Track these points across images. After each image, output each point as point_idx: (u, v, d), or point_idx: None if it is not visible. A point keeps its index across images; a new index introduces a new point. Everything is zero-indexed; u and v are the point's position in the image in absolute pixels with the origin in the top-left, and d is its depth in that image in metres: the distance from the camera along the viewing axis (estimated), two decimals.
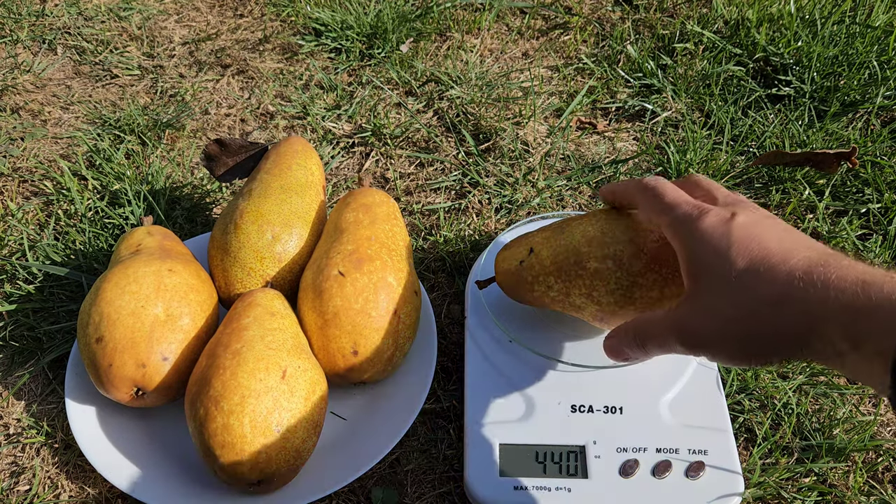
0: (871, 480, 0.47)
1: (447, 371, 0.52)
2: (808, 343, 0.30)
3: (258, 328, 0.43)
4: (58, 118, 0.72)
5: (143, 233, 0.51)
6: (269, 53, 0.78)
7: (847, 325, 0.28)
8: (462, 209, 0.63)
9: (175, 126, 0.70)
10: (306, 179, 0.53)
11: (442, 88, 0.74)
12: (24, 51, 0.79)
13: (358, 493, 0.46)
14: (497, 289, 0.51)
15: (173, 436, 0.47)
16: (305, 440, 0.42)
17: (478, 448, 0.44)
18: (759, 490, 0.46)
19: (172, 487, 0.44)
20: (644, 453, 0.44)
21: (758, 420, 0.49)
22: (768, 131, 0.68)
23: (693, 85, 0.73)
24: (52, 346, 0.53)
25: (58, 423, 0.49)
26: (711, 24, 0.80)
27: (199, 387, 0.41)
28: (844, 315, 0.28)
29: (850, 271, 0.29)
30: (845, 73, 0.71)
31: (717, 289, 0.33)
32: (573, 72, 0.76)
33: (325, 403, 0.44)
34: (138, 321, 0.43)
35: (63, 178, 0.64)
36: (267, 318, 0.44)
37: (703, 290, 0.34)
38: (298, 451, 0.41)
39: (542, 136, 0.70)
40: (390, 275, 0.46)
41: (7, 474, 0.48)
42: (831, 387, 0.51)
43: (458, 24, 0.81)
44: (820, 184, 0.64)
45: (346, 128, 0.70)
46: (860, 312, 0.28)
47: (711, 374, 0.47)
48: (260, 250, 0.48)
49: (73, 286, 0.56)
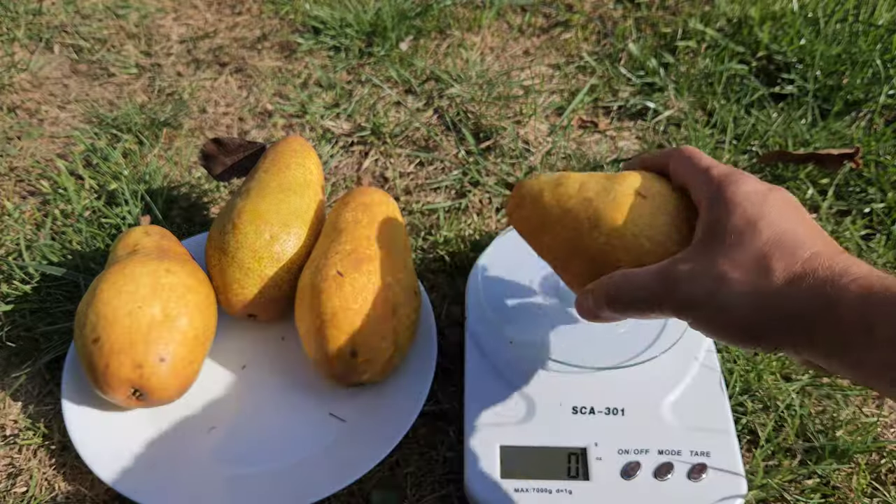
0: (874, 482, 0.47)
1: (447, 372, 0.52)
2: (813, 328, 0.29)
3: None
4: (54, 117, 0.71)
5: (141, 233, 0.50)
6: (267, 51, 0.78)
7: (862, 309, 0.28)
8: (462, 209, 0.63)
9: (173, 125, 0.69)
10: (305, 179, 0.52)
11: (442, 87, 0.73)
12: (20, 49, 0.78)
13: (357, 496, 0.46)
14: (497, 289, 0.50)
15: (171, 437, 0.47)
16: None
17: (478, 450, 0.44)
18: (761, 492, 0.45)
19: (170, 489, 0.44)
20: (646, 455, 0.44)
21: (761, 422, 0.49)
22: (771, 130, 0.68)
23: (695, 83, 0.73)
24: (48, 346, 0.53)
25: (55, 424, 0.49)
26: (714, 21, 0.79)
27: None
28: (861, 300, 0.28)
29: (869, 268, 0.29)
30: (848, 71, 0.71)
31: (732, 254, 0.32)
32: (574, 70, 0.76)
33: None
34: (135, 322, 0.43)
35: (60, 178, 0.64)
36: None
37: (714, 252, 0.32)
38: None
39: (543, 135, 0.69)
40: (389, 275, 0.46)
41: (4, 476, 0.47)
42: (835, 388, 0.50)
43: (459, 22, 0.81)
44: (823, 183, 0.64)
45: (345, 126, 0.70)
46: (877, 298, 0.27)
47: (714, 375, 0.47)
48: (258, 250, 0.48)
49: (69, 286, 0.56)
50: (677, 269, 0.33)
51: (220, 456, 0.46)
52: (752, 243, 0.31)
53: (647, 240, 0.36)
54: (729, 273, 0.31)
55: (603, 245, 0.37)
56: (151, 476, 0.44)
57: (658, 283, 0.33)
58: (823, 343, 0.29)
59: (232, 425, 0.47)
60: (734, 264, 0.31)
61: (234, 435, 0.47)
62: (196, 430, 0.47)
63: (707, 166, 0.36)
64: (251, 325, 0.52)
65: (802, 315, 0.29)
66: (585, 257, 0.38)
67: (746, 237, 0.32)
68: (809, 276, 0.30)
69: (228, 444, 0.46)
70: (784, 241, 0.31)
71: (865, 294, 0.28)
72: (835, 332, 0.28)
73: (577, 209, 0.38)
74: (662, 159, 0.39)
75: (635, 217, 0.36)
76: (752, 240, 0.31)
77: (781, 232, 0.31)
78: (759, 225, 0.32)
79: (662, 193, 0.37)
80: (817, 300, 0.29)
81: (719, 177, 0.35)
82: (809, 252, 0.30)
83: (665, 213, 0.37)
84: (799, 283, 0.30)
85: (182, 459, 0.45)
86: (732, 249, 0.32)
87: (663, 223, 0.36)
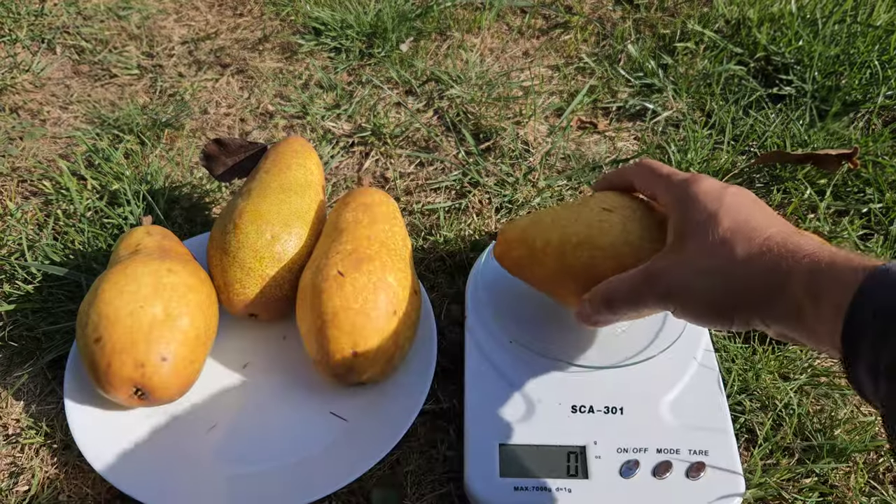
0: (872, 481, 0.47)
1: (447, 371, 0.52)
2: (772, 300, 0.32)
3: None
4: (57, 118, 0.71)
5: (142, 233, 0.51)
6: (268, 53, 0.78)
7: (810, 280, 0.30)
8: (462, 209, 0.63)
9: (174, 125, 0.70)
10: (306, 179, 0.53)
11: (442, 88, 0.73)
12: (22, 50, 0.78)
13: (358, 494, 0.46)
14: (497, 289, 0.51)
15: (173, 435, 0.47)
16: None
17: (478, 449, 0.44)
18: (759, 491, 0.45)
19: (171, 488, 0.44)
20: (645, 454, 0.44)
21: (759, 420, 0.49)
22: (769, 131, 0.68)
23: (694, 84, 0.73)
24: (50, 346, 0.53)
25: (57, 423, 0.49)
26: (712, 23, 0.80)
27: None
28: (809, 272, 0.30)
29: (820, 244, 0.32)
30: (846, 72, 0.71)
31: (698, 245, 0.35)
32: (574, 71, 0.76)
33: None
34: (137, 321, 0.43)
35: (62, 178, 0.64)
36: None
37: (684, 246, 0.36)
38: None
39: (542, 136, 0.69)
40: (390, 275, 0.46)
41: (6, 475, 0.47)
42: (832, 387, 0.51)
43: (459, 23, 0.81)
44: (821, 183, 0.64)
45: (346, 127, 0.70)
46: (823, 270, 0.30)
47: (712, 374, 0.47)
48: (259, 250, 0.48)
49: (71, 286, 0.56)
50: (656, 266, 0.37)
51: (221, 454, 0.46)
52: (714, 232, 0.35)
53: (624, 245, 0.41)
54: (697, 261, 0.35)
55: (588, 260, 0.41)
56: (153, 474, 0.44)
57: (641, 281, 0.37)
58: (783, 315, 0.32)
59: (233, 424, 0.48)
60: (701, 252, 0.35)
61: (235, 434, 0.47)
62: (197, 428, 0.47)
63: (667, 174, 0.40)
64: (252, 325, 0.52)
65: (762, 289, 0.32)
66: (575, 275, 0.42)
67: (710, 227, 0.35)
68: (766, 255, 0.33)
69: (230, 443, 0.47)
70: (742, 227, 0.34)
71: (814, 268, 0.30)
72: (790, 303, 0.31)
73: (558, 237, 0.43)
74: (626, 176, 0.44)
75: (607, 228, 0.41)
76: (714, 229, 0.35)
77: (740, 220, 0.35)
78: (719, 215, 0.35)
79: (625, 205, 0.42)
80: (774, 276, 0.32)
81: (680, 182, 0.39)
82: (766, 234, 0.34)
83: (633, 219, 0.41)
84: (757, 261, 0.33)
85: (183, 458, 0.46)
86: (698, 239, 0.35)
87: (634, 228, 0.41)
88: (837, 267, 0.29)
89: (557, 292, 0.45)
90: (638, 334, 0.49)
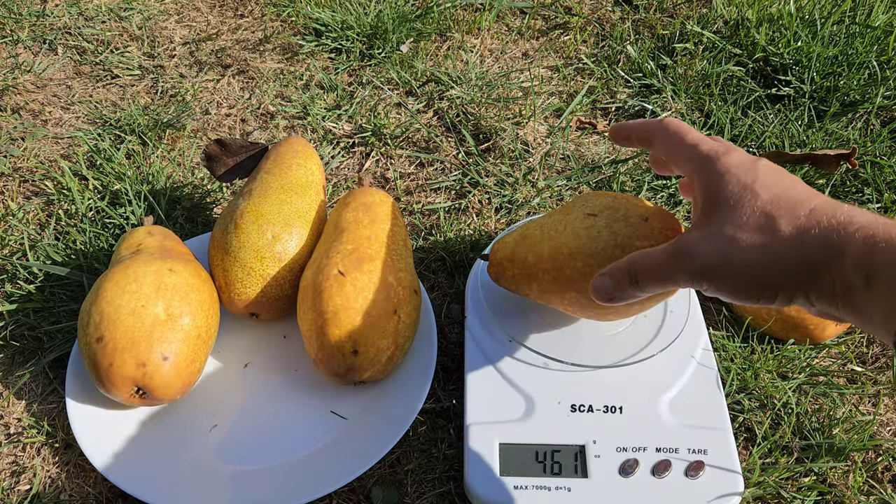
0: (870, 480, 0.47)
1: (447, 371, 0.52)
2: (819, 277, 0.30)
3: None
4: (58, 118, 0.72)
5: (144, 233, 0.51)
6: (269, 53, 0.79)
7: (863, 258, 0.28)
8: (462, 209, 0.63)
9: (175, 126, 0.70)
10: (306, 179, 0.53)
11: (442, 88, 0.74)
12: (24, 51, 0.79)
13: (358, 493, 0.46)
14: (497, 288, 0.51)
15: (174, 434, 0.47)
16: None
17: (478, 447, 0.44)
18: (758, 489, 0.46)
19: (172, 487, 0.44)
20: (644, 453, 0.44)
21: (757, 420, 0.49)
22: (768, 131, 0.68)
23: (693, 85, 0.73)
24: (52, 345, 0.53)
25: (58, 422, 0.50)
26: (711, 24, 0.80)
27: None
28: (863, 249, 0.28)
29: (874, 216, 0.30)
30: (845, 73, 0.71)
31: (736, 218, 0.33)
32: (573, 72, 0.77)
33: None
34: (138, 321, 0.43)
35: (64, 178, 0.64)
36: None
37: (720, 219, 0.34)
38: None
39: (542, 136, 0.70)
40: (390, 274, 0.46)
41: (8, 474, 0.48)
42: (831, 387, 0.51)
43: (458, 25, 0.81)
44: (819, 183, 0.64)
45: (347, 128, 0.71)
46: (878, 247, 0.28)
47: (711, 373, 0.47)
48: (260, 250, 0.49)
49: (73, 286, 0.56)
50: (688, 240, 0.34)
51: (222, 453, 0.46)
52: (753, 205, 0.33)
53: (615, 248, 0.40)
54: (737, 235, 0.33)
55: (583, 268, 0.41)
56: (154, 473, 0.44)
57: (672, 255, 0.35)
58: (830, 292, 0.30)
59: (234, 423, 0.48)
60: (740, 226, 0.33)
61: (236, 432, 0.47)
62: (198, 427, 0.48)
63: (694, 142, 0.37)
64: (253, 324, 0.53)
65: (812, 264, 0.30)
66: (573, 285, 0.42)
67: (746, 200, 0.33)
68: (815, 228, 0.31)
69: (231, 442, 0.47)
70: (784, 200, 0.32)
71: (870, 242, 0.28)
72: (840, 279, 0.29)
73: (548, 250, 0.43)
74: (647, 133, 0.40)
75: (595, 234, 0.41)
76: (752, 202, 0.33)
77: (780, 192, 0.33)
78: (756, 188, 0.33)
79: (607, 205, 0.43)
80: (825, 250, 0.30)
81: (709, 152, 0.36)
82: (810, 206, 0.32)
83: (617, 219, 0.41)
84: (806, 234, 0.31)
85: (184, 457, 0.46)
86: (735, 213, 0.33)
87: (621, 229, 0.41)
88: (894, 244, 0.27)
89: (558, 302, 0.45)
90: (637, 334, 0.49)
